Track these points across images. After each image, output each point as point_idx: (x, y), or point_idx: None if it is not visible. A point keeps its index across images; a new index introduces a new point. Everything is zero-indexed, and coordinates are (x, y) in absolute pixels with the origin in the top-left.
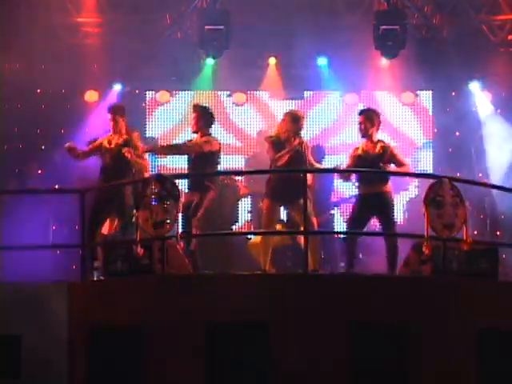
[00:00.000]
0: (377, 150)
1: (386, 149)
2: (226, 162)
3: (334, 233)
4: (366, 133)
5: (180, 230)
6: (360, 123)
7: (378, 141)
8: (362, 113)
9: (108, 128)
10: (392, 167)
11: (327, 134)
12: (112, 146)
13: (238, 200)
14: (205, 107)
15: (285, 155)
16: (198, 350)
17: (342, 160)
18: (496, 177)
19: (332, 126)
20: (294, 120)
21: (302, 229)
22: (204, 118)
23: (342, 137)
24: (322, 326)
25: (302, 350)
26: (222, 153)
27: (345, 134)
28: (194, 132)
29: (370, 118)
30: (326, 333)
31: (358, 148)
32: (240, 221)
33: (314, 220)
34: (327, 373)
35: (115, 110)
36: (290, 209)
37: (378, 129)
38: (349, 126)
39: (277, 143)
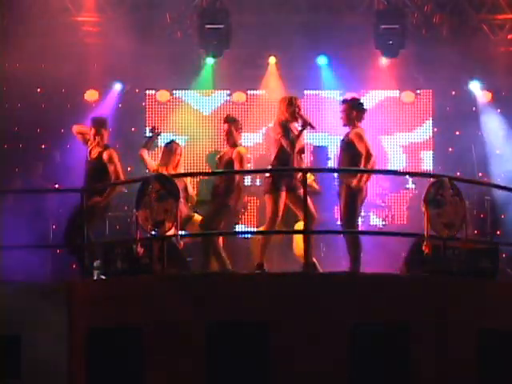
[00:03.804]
0: None
1: None
2: None
3: (334, 232)
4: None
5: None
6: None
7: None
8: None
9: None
10: None
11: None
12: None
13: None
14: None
15: (300, 137)
16: (197, 349)
17: None
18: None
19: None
20: (290, 103)
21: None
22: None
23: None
24: (321, 326)
25: (301, 350)
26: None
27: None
28: None
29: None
30: (326, 333)
31: None
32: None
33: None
34: (327, 373)
35: (102, 124)
36: (289, 197)
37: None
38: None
39: (286, 127)
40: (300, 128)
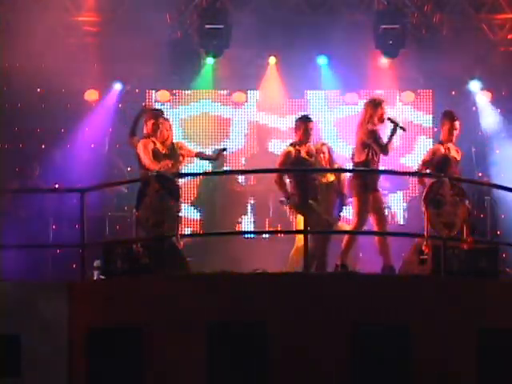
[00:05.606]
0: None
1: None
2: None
3: (334, 232)
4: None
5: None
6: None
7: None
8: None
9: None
10: None
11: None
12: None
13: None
14: None
15: (392, 140)
16: (198, 349)
17: None
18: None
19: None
20: (378, 106)
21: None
22: None
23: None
24: (321, 326)
25: (301, 350)
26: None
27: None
28: None
29: None
30: (326, 333)
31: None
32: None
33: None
34: (327, 373)
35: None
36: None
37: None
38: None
39: (376, 132)
40: (390, 131)
